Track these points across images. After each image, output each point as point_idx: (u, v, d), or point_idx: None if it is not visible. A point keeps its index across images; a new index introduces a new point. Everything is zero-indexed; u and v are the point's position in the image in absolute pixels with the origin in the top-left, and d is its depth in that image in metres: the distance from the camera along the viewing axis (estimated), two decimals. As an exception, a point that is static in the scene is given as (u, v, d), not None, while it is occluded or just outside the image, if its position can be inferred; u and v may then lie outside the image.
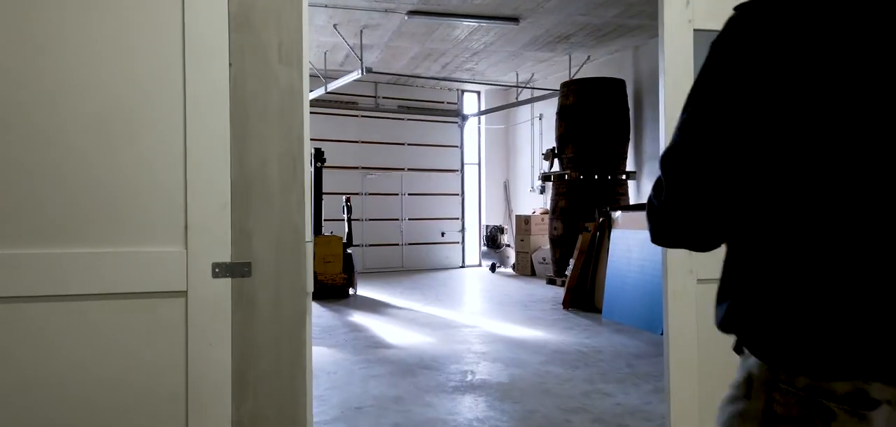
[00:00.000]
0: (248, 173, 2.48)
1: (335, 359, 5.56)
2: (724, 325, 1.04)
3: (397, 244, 13.79)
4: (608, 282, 7.50)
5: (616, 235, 7.56)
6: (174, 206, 2.37)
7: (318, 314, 7.97)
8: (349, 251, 9.83)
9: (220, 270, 2.40)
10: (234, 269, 2.43)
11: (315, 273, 9.32)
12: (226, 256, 2.41)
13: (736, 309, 1.02)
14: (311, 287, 2.58)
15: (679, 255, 2.84)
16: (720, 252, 1.08)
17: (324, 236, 9.63)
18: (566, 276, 9.52)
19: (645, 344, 6.13)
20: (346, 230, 10.23)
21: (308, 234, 2.56)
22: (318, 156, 9.87)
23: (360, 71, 10.06)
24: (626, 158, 10.32)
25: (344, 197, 10.60)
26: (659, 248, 6.62)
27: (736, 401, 1.01)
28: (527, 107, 13.42)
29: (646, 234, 5.20)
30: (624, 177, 10.27)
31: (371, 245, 13.44)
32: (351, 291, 9.71)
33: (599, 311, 7.71)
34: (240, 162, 2.46)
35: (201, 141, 2.40)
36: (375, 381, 4.87)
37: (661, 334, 6.47)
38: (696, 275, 2.90)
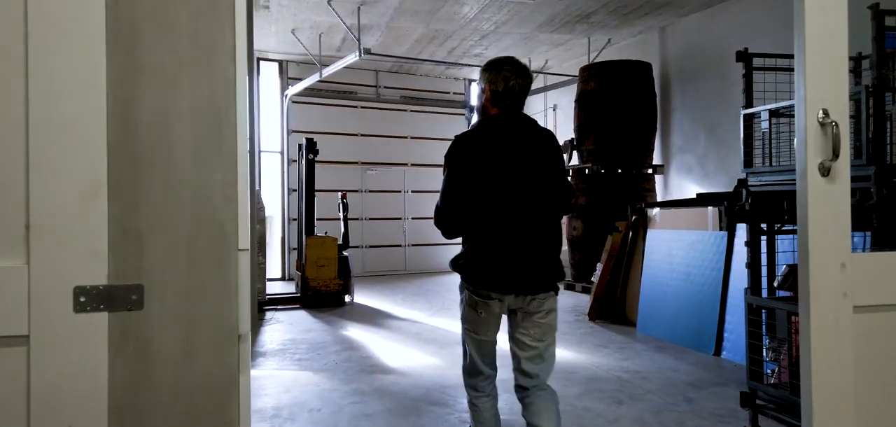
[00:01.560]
0: (138, 137, 1.50)
1: (321, 390, 4.54)
2: (452, 263, 2.78)
3: (400, 245, 12.84)
4: (644, 290, 6.44)
5: (653, 236, 6.51)
6: (5, 193, 1.38)
7: (308, 327, 6.96)
8: (345, 254, 8.85)
9: (87, 299, 1.45)
10: (113, 297, 1.47)
11: (307, 279, 8.35)
12: (99, 276, 1.45)
13: (456, 261, 2.74)
14: (247, 327, 1.57)
15: (829, 275, 1.92)
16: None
17: (317, 237, 8.66)
18: (589, 282, 8.51)
19: (697, 368, 5.09)
20: (342, 231, 9.23)
21: (242, 240, 1.56)
22: (311, 147, 8.90)
23: (357, 53, 9.05)
24: (652, 150, 9.27)
25: (339, 194, 9.60)
26: (711, 253, 5.62)
27: (460, 300, 2.78)
28: (540, 97, 12.42)
29: (693, 235, 3.86)
30: (650, 171, 9.23)
31: (371, 246, 12.48)
32: (347, 299, 8.72)
33: (632, 323, 6.68)
34: (124, 117, 1.48)
35: (54, 80, 1.42)
36: (369, 422, 3.85)
37: (715, 355, 5.50)
38: (851, 299, 1.92)
